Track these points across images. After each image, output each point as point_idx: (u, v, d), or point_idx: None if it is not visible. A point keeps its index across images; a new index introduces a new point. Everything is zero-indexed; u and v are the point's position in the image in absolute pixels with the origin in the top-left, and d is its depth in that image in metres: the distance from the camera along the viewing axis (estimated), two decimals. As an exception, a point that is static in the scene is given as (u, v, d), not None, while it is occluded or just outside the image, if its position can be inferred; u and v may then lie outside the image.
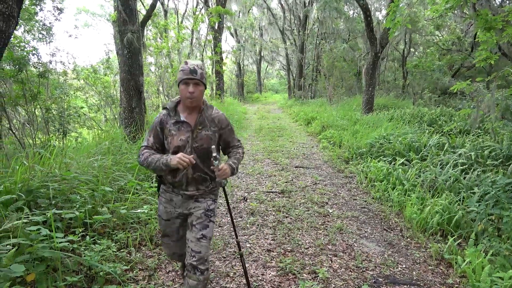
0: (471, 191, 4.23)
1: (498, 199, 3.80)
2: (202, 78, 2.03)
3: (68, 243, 2.52)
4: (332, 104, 15.65)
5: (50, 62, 7.79)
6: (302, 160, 7.06)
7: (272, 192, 5.07)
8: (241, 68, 31.45)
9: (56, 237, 2.46)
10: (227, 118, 2.25)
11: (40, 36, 8.63)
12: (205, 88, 2.10)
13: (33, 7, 8.08)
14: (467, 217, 3.71)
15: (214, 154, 2.05)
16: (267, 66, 39.09)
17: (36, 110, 6.86)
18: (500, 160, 5.07)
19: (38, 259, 2.39)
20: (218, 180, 2.09)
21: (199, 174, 2.13)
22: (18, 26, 8.06)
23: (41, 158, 3.79)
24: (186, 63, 2.03)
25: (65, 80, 9.00)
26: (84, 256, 2.62)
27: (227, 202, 2.39)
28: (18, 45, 6.78)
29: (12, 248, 2.25)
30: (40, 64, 7.12)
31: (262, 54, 32.84)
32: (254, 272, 2.97)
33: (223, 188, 2.27)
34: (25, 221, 2.48)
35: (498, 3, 10.72)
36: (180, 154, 1.95)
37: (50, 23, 8.66)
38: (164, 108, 2.16)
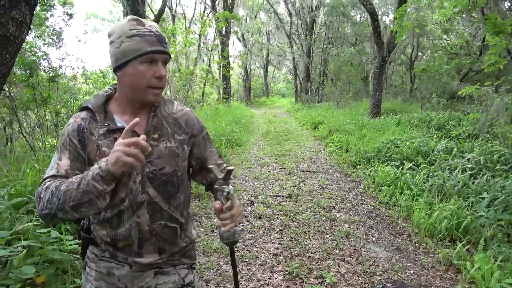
0: (480, 196, 4.20)
1: (508, 204, 3.76)
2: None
3: (77, 245, 2.55)
4: (339, 108, 15.62)
5: (60, 67, 7.90)
6: (309, 164, 7.06)
7: (279, 196, 5.07)
8: (248, 72, 31.55)
9: (66, 239, 2.49)
10: (199, 119, 1.35)
11: (51, 41, 8.77)
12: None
13: (43, 12, 8.22)
14: (476, 223, 3.68)
15: (220, 177, 1.18)
16: (274, 70, 39.18)
17: (46, 114, 6.95)
18: (510, 165, 5.02)
19: (48, 261, 2.42)
20: (226, 232, 1.17)
21: (163, 223, 1.21)
22: (30, 32, 8.19)
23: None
24: (139, 22, 1.13)
25: (74, 85, 9.11)
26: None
27: (234, 272, 1.35)
28: (29, 50, 6.89)
29: (23, 250, 2.28)
30: (50, 69, 7.22)
31: (269, 59, 32.93)
32: (261, 276, 2.97)
33: (230, 248, 1.29)
34: (35, 223, 2.51)
35: (507, 7, 10.65)
36: (124, 141, 0.99)
37: (60, 28, 8.79)
38: (82, 109, 1.20)
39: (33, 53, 6.85)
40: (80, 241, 1.32)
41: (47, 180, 1.07)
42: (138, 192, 1.16)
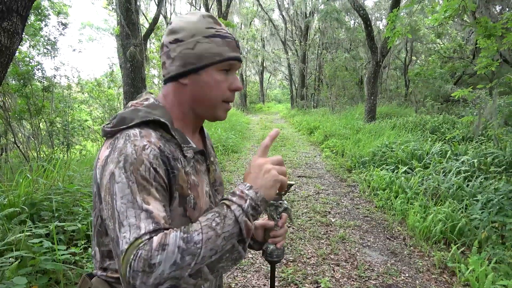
0: (474, 198, 4.22)
1: (502, 206, 3.78)
2: None
3: (70, 255, 2.54)
4: (335, 113, 15.68)
5: (55, 77, 7.92)
6: (304, 170, 7.07)
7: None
8: (244, 79, 31.66)
9: (59, 249, 2.47)
10: None
11: (45, 50, 8.80)
12: None
13: (38, 22, 8.25)
14: (471, 225, 3.69)
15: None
16: (270, 76, 39.34)
17: (40, 124, 6.95)
18: (504, 167, 5.05)
19: (41, 272, 2.41)
20: (277, 250, 1.05)
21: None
22: (23, 42, 8.21)
23: (44, 171, 3.83)
24: (215, 20, 0.92)
25: (69, 94, 9.12)
26: (86, 268, 2.64)
27: None
28: (23, 60, 6.90)
29: (15, 261, 2.27)
30: (44, 79, 7.23)
31: (264, 65, 33.08)
32: (256, 282, 2.96)
33: (272, 265, 1.12)
34: (28, 234, 2.50)
35: (498, 11, 10.78)
36: (270, 159, 0.87)
37: (54, 38, 8.83)
38: (144, 124, 0.83)
39: (26, 63, 6.86)
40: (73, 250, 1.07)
41: (145, 239, 0.68)
42: None
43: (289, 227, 4.05)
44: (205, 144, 1.04)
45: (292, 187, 1.12)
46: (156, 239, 0.68)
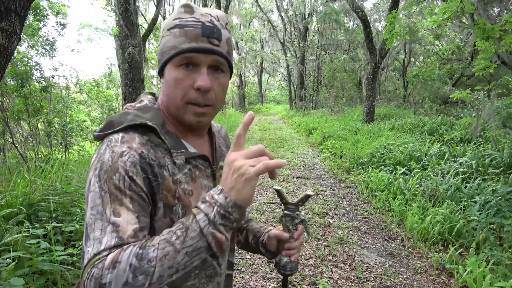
0: (472, 200, 4.23)
1: (499, 207, 3.79)
2: (229, 50, 0.83)
3: (68, 256, 2.53)
4: (333, 114, 15.69)
5: (53, 77, 7.91)
6: (303, 171, 7.07)
7: (273, 203, 5.06)
8: (243, 80, 31.67)
9: (56, 250, 2.47)
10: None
11: (44, 51, 8.79)
12: (231, 77, 0.89)
13: (36, 22, 8.25)
14: (468, 226, 3.70)
15: (291, 201, 0.99)
16: (268, 77, 39.36)
17: (38, 124, 6.93)
18: (501, 168, 5.06)
19: (38, 273, 2.40)
20: (291, 263, 1.00)
21: (229, 272, 0.99)
22: (22, 42, 8.20)
23: (42, 172, 3.82)
24: (189, 8, 0.80)
25: (68, 94, 9.10)
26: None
27: None
28: (21, 60, 6.89)
29: (12, 262, 2.26)
30: (43, 79, 7.22)
31: (263, 66, 33.10)
32: (254, 283, 2.96)
33: (285, 278, 1.07)
34: (25, 234, 2.49)
35: (496, 13, 10.81)
36: (241, 152, 0.70)
37: (53, 38, 8.83)
38: (131, 128, 0.77)
39: (25, 63, 6.85)
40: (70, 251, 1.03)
41: (103, 255, 0.63)
42: None
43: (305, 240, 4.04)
44: (214, 146, 0.94)
45: (311, 197, 1.02)
46: (110, 256, 0.62)
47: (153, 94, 0.91)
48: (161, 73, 0.83)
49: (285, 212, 0.99)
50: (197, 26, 0.77)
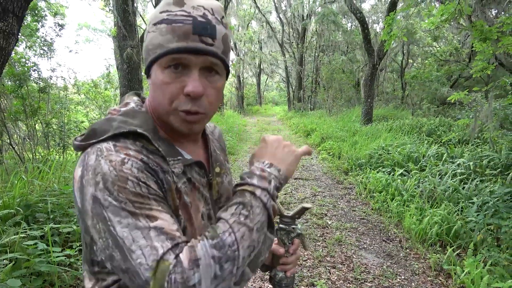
0: (470, 201, 4.23)
1: (497, 208, 3.80)
2: (225, 48, 0.72)
3: (65, 257, 2.52)
4: (332, 115, 15.71)
5: (51, 78, 7.90)
6: (301, 172, 7.07)
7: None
8: (241, 81, 31.67)
9: (54, 251, 2.46)
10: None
11: (41, 51, 8.77)
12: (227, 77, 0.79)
13: (34, 23, 8.23)
14: (466, 227, 3.70)
15: (286, 214, 0.94)
16: (267, 78, 39.38)
17: (36, 125, 6.92)
18: (499, 169, 5.07)
19: (35, 274, 2.39)
20: (287, 279, 0.94)
21: None
22: (20, 43, 8.19)
23: (40, 173, 3.82)
24: (176, 1, 0.69)
25: (66, 95, 9.09)
26: (81, 271, 2.62)
27: None
28: (19, 61, 6.88)
29: (9, 263, 2.25)
30: (40, 80, 7.20)
31: (261, 67, 33.10)
32: (251, 285, 2.95)
33: None
34: (22, 235, 2.49)
35: (493, 14, 10.85)
36: (277, 137, 0.81)
37: (51, 39, 8.82)
38: (119, 136, 0.69)
39: (22, 64, 6.84)
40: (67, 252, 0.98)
41: (171, 260, 0.58)
42: None
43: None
44: (209, 151, 0.86)
45: (308, 210, 1.01)
46: (184, 256, 0.58)
47: (138, 95, 0.83)
48: (147, 72, 0.74)
49: (280, 225, 0.93)
50: (187, 22, 0.67)
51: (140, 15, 16.48)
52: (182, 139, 0.79)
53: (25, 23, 7.69)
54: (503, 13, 9.75)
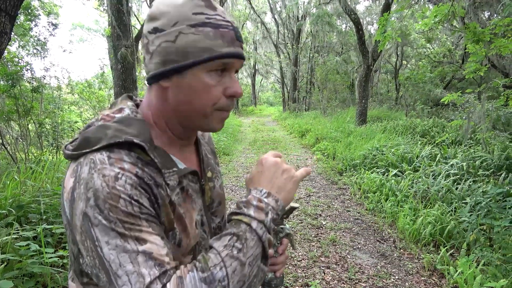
0: (463, 201, 4.27)
1: (490, 209, 3.83)
2: None
3: (58, 258, 2.50)
4: (326, 116, 15.75)
5: (44, 77, 7.83)
6: (296, 172, 7.07)
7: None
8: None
9: (46, 252, 2.44)
10: None
11: (35, 51, 8.70)
12: None
13: (28, 22, 8.17)
14: (459, 227, 3.73)
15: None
16: (262, 79, 39.41)
17: (29, 125, 6.86)
18: (491, 170, 5.12)
19: (28, 275, 2.37)
20: (276, 279, 0.94)
21: None
22: (13, 42, 8.12)
23: (33, 173, 3.78)
24: (208, 1, 0.70)
25: (59, 95, 9.02)
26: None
27: None
28: (11, 60, 6.82)
29: (1, 264, 2.23)
30: (34, 79, 7.14)
31: (256, 68, 33.13)
32: (246, 285, 2.95)
33: None
34: (14, 236, 2.46)
35: (486, 17, 10.95)
36: (277, 159, 0.79)
37: (44, 38, 8.75)
38: (115, 146, 0.66)
39: (15, 63, 6.78)
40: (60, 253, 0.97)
41: (154, 283, 0.57)
42: None
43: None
44: (200, 156, 0.85)
45: (295, 210, 0.97)
46: (171, 287, 0.57)
47: (131, 98, 0.80)
48: (167, 75, 0.70)
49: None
50: (229, 28, 0.70)
51: (135, 14, 16.42)
52: (178, 146, 0.78)
53: (18, 22, 7.62)
54: (495, 15, 9.85)
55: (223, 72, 0.71)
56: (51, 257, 2.43)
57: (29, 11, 7.91)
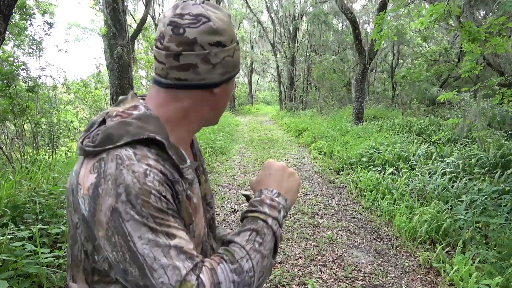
0: (459, 199, 4.28)
1: (485, 206, 3.85)
2: None
3: (54, 258, 2.49)
4: (323, 115, 15.77)
5: (40, 77, 7.79)
6: (293, 171, 7.07)
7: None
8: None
9: (42, 252, 2.42)
10: None
11: (30, 50, 8.65)
12: None
13: (23, 22, 8.12)
14: (455, 225, 3.74)
15: None
16: (258, 78, 39.40)
17: (25, 125, 6.83)
18: (487, 168, 5.15)
19: (23, 275, 2.36)
20: None
21: None
22: (8, 41, 8.07)
23: (28, 173, 3.76)
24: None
25: (55, 94, 8.98)
26: (71, 272, 2.59)
27: None
28: (6, 60, 6.78)
29: (-4, 265, 2.22)
30: (29, 79, 7.11)
31: (253, 67, 33.11)
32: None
33: None
34: (10, 237, 2.45)
35: (482, 15, 11.00)
36: (279, 163, 0.87)
37: (40, 37, 8.70)
38: (137, 142, 0.68)
39: (10, 63, 6.74)
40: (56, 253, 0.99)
41: (193, 281, 0.61)
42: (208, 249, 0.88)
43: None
44: (194, 151, 0.92)
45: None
46: (205, 279, 0.62)
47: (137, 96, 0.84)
48: (218, 85, 0.78)
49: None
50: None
51: (131, 14, 16.36)
52: (185, 144, 0.84)
53: (13, 22, 7.57)
54: (491, 14, 9.89)
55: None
56: (47, 257, 2.43)
57: (24, 10, 7.86)
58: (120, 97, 0.81)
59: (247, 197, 0.97)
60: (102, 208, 0.63)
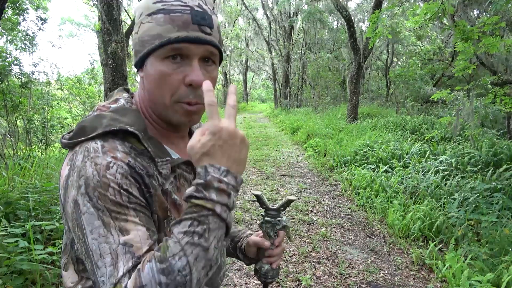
0: (452, 197, 4.32)
1: (477, 204, 3.90)
2: (220, 38, 0.75)
3: (47, 255, 2.48)
4: (318, 113, 15.81)
5: (33, 73, 7.73)
6: (287, 169, 7.10)
7: (257, 201, 5.07)
8: (228, 78, 31.60)
9: (35, 249, 2.41)
10: None
11: (23, 46, 8.57)
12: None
13: (16, 17, 8.03)
14: (448, 223, 3.78)
15: (272, 207, 0.97)
16: (253, 75, 39.37)
17: (17, 121, 6.76)
18: (479, 166, 5.20)
19: (17, 272, 2.35)
20: (272, 271, 0.95)
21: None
22: (0, 36, 7.98)
23: (21, 169, 3.73)
24: None
25: (48, 91, 8.91)
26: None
27: None
28: (-1, 55, 6.71)
29: (-11, 261, 2.20)
30: (22, 75, 7.04)
31: (248, 64, 33.07)
32: (237, 281, 2.96)
33: (265, 286, 1.00)
34: (3, 233, 2.43)
35: (475, 15, 11.07)
36: (228, 122, 0.65)
37: (33, 33, 8.62)
38: (109, 134, 0.67)
39: (3, 58, 6.67)
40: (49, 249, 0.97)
41: (124, 283, 0.56)
42: None
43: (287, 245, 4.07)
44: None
45: (292, 203, 0.96)
46: (130, 283, 0.55)
47: (127, 91, 0.81)
48: (140, 66, 0.72)
49: (266, 218, 0.94)
50: (185, 11, 0.67)
51: (125, 9, 16.23)
52: (171, 136, 0.78)
53: (6, 17, 7.49)
54: (484, 13, 9.96)
55: (182, 59, 0.68)
56: (40, 254, 2.41)
57: (17, 5, 7.78)
58: (110, 93, 0.80)
59: (258, 198, 0.94)
60: (68, 200, 0.63)
